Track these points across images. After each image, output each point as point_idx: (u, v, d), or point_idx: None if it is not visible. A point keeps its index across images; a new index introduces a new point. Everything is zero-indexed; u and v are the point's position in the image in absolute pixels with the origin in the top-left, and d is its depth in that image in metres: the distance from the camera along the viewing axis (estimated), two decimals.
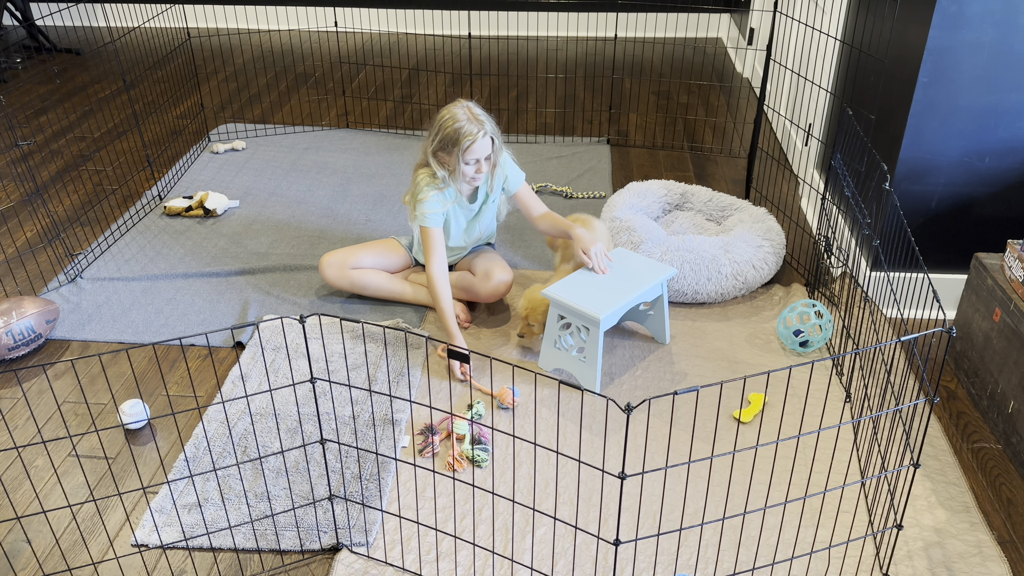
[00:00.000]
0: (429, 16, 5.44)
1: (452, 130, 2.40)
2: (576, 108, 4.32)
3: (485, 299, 2.66)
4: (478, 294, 2.65)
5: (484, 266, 2.67)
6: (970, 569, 1.84)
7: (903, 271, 2.66)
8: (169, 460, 2.13)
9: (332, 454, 2.12)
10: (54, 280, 2.84)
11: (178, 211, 3.26)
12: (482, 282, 2.63)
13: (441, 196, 2.51)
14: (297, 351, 2.50)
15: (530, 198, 2.65)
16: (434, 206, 2.50)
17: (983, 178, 2.54)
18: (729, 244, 2.71)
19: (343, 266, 2.68)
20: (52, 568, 1.84)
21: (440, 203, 2.51)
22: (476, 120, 2.41)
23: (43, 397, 2.35)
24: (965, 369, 2.40)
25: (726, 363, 2.47)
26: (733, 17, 5.30)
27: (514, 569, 1.83)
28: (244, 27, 5.53)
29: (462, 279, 2.69)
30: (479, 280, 2.64)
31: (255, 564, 1.85)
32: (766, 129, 4.08)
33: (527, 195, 2.65)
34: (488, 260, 2.70)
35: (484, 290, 2.63)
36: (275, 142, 3.92)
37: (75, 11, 5.59)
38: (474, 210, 2.64)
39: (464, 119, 2.40)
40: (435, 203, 2.50)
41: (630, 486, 2.05)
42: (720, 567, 1.83)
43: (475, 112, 2.43)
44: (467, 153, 2.41)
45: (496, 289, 2.63)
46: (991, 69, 2.39)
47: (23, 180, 3.55)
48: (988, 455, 2.17)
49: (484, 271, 2.65)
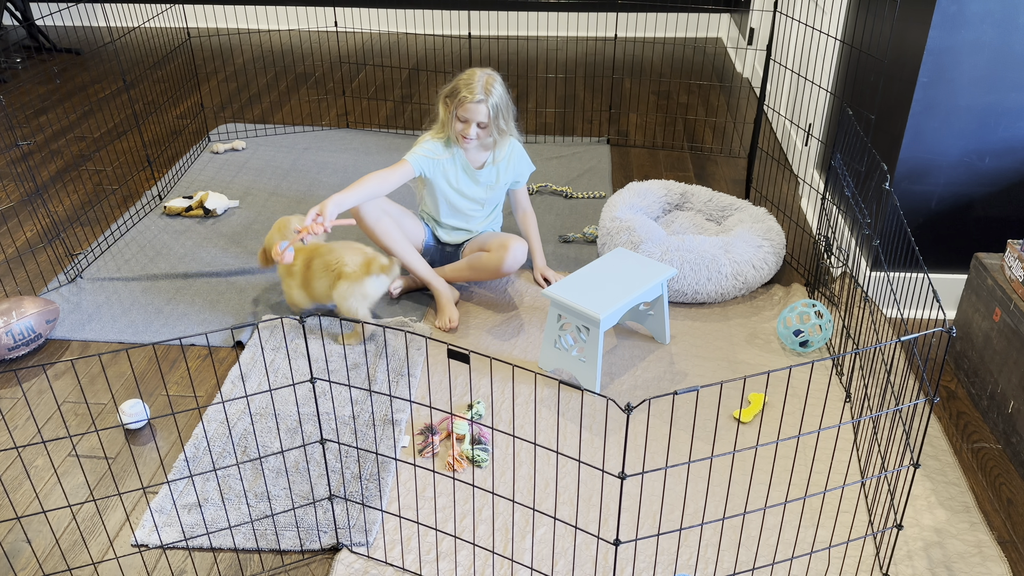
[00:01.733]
0: (429, 16, 5.44)
1: (459, 83, 2.53)
2: (576, 108, 4.32)
3: (502, 271, 2.65)
4: (496, 267, 2.64)
5: (498, 239, 2.67)
6: (970, 569, 1.84)
7: (903, 271, 2.66)
8: (169, 460, 2.13)
9: (332, 454, 2.12)
10: (54, 280, 2.84)
11: (178, 211, 3.26)
12: (498, 252, 2.63)
13: (436, 145, 2.59)
14: (297, 351, 2.50)
15: (524, 193, 2.84)
16: (425, 148, 2.58)
17: (983, 178, 2.54)
18: (729, 244, 2.71)
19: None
20: (52, 568, 1.84)
21: (432, 151, 2.59)
22: (486, 88, 2.50)
23: (43, 397, 2.35)
24: (965, 369, 2.40)
25: (726, 363, 2.47)
26: (733, 17, 5.30)
27: (514, 569, 1.83)
28: (244, 27, 5.53)
29: (476, 260, 2.69)
30: (495, 251, 2.64)
31: (255, 564, 1.85)
32: (766, 129, 4.08)
33: (524, 193, 2.85)
34: (501, 235, 2.71)
35: (501, 260, 2.61)
36: (275, 142, 3.92)
37: (75, 11, 5.59)
38: (480, 180, 2.67)
39: (476, 81, 2.50)
40: (427, 147, 2.59)
41: (630, 486, 2.05)
42: (720, 567, 1.83)
43: (491, 82, 2.52)
44: (459, 108, 2.51)
45: (514, 258, 2.62)
46: (991, 69, 2.39)
47: (23, 180, 3.55)
48: (988, 455, 2.17)
49: (499, 242, 2.65)
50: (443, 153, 2.60)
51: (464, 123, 2.53)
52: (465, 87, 2.50)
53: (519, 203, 2.83)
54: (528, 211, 2.85)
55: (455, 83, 2.54)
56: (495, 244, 2.66)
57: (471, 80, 2.51)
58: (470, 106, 2.49)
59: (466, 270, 2.71)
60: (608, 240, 2.83)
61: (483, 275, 2.70)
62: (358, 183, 2.43)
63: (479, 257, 2.68)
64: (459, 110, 2.51)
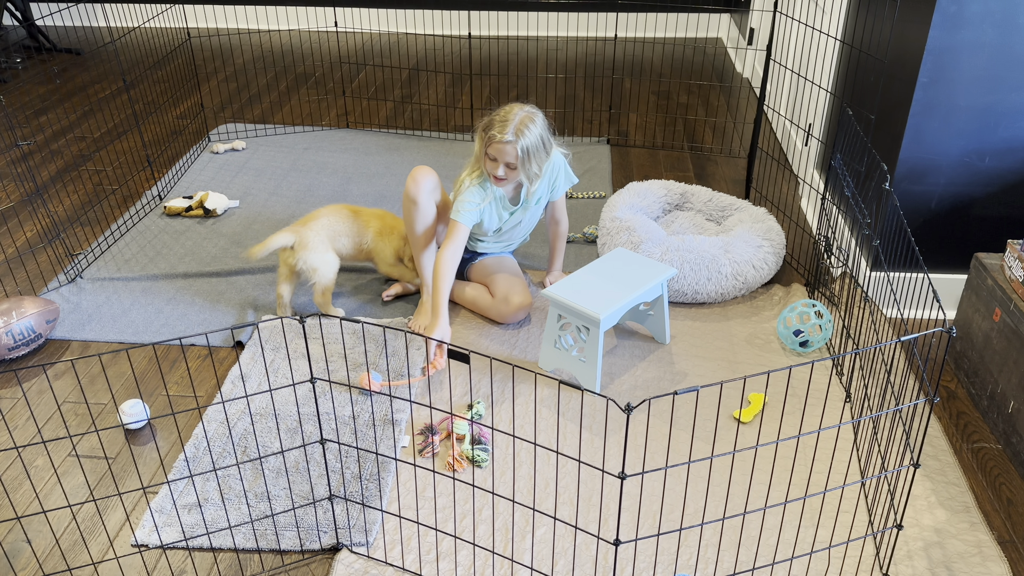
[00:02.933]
0: (429, 16, 5.44)
1: (495, 118, 2.43)
2: (576, 108, 4.32)
3: (500, 320, 2.62)
4: (493, 316, 2.62)
5: (504, 288, 2.59)
6: (970, 569, 1.84)
7: (903, 271, 2.66)
8: (169, 460, 2.13)
9: (332, 454, 2.12)
10: (54, 280, 2.84)
11: (178, 211, 3.26)
12: (500, 306, 2.58)
13: (475, 193, 2.50)
14: (297, 351, 2.50)
15: (561, 205, 2.74)
16: (472, 198, 2.49)
17: (983, 178, 2.54)
18: (729, 244, 2.71)
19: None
20: (52, 568, 1.84)
21: (479, 197, 2.50)
22: (518, 129, 2.39)
23: (43, 397, 2.35)
24: (965, 369, 2.40)
25: (726, 363, 2.47)
26: (733, 17, 5.30)
27: (514, 569, 1.83)
28: (244, 27, 5.53)
29: (479, 298, 2.65)
30: (498, 303, 2.59)
31: (255, 564, 1.85)
32: (766, 129, 4.08)
33: (561, 203, 2.74)
34: (508, 281, 2.62)
35: (502, 314, 2.59)
36: (275, 142, 3.92)
37: (75, 11, 5.59)
38: (513, 214, 2.62)
39: (511, 119, 2.40)
40: (473, 195, 2.49)
41: (630, 486, 2.05)
42: (720, 567, 1.83)
43: (526, 122, 2.40)
44: (490, 145, 2.42)
45: (515, 315, 2.59)
46: (991, 69, 2.39)
47: (23, 180, 3.55)
48: (988, 455, 2.17)
49: (503, 295, 2.58)
50: (484, 198, 2.51)
51: (493, 161, 2.45)
52: (499, 124, 2.40)
53: (553, 211, 2.74)
54: (560, 221, 2.76)
55: (492, 117, 2.45)
56: (500, 294, 2.59)
57: (506, 117, 2.41)
58: (499, 145, 2.39)
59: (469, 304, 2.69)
60: (608, 240, 2.83)
61: (483, 314, 2.66)
62: (442, 277, 2.40)
63: (483, 297, 2.64)
64: (489, 147, 2.43)
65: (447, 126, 4.11)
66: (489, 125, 2.43)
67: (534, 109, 2.45)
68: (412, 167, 3.64)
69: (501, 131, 2.39)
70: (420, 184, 2.51)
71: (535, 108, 2.46)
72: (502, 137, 2.38)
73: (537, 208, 2.68)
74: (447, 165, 3.67)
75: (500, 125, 2.40)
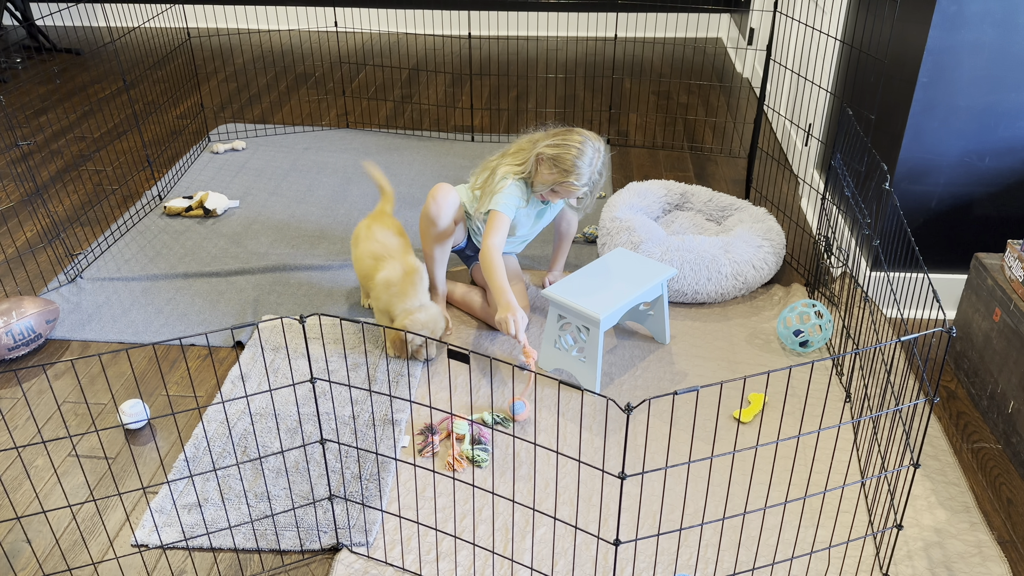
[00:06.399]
0: (429, 16, 5.44)
1: (567, 155, 2.36)
2: (576, 108, 4.32)
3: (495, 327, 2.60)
4: (484, 319, 2.62)
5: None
6: (970, 569, 1.84)
7: (903, 271, 2.66)
8: (169, 460, 2.13)
9: (332, 454, 2.12)
10: (54, 280, 2.84)
11: (178, 211, 3.26)
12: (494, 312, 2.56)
13: (518, 191, 2.48)
14: (297, 351, 2.50)
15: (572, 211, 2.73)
16: (515, 192, 2.47)
17: (983, 178, 2.54)
18: (729, 244, 2.71)
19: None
20: (52, 568, 1.84)
21: (520, 194, 2.49)
22: (589, 168, 2.38)
23: (43, 397, 2.35)
24: (965, 369, 2.40)
25: (726, 363, 2.47)
26: (733, 17, 5.30)
27: (514, 569, 1.83)
28: (244, 27, 5.53)
29: (470, 299, 2.66)
30: (492, 309, 2.57)
31: (255, 564, 1.85)
32: (766, 129, 4.08)
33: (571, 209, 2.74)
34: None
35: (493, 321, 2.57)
36: (275, 142, 3.92)
37: (75, 11, 5.59)
38: (543, 217, 2.64)
39: (585, 163, 2.37)
40: (511, 193, 2.46)
41: (630, 486, 2.05)
42: (720, 567, 1.83)
43: (597, 161, 2.40)
44: (561, 186, 2.41)
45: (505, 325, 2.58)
46: (991, 69, 2.39)
47: (23, 180, 3.55)
48: (988, 455, 2.17)
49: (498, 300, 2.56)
50: (523, 199, 2.50)
51: (553, 192, 2.45)
52: (573, 169, 2.36)
53: (565, 211, 2.72)
54: (570, 221, 2.76)
55: (560, 151, 2.36)
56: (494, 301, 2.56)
57: (580, 157, 2.36)
58: (569, 188, 2.40)
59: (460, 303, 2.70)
60: (608, 240, 2.83)
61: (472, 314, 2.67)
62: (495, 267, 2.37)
63: (474, 298, 2.66)
64: (559, 186, 2.41)
65: (447, 126, 4.11)
66: (559, 161, 2.37)
67: (601, 145, 2.43)
68: (412, 167, 3.65)
69: (578, 178, 2.37)
70: (442, 206, 2.49)
71: (599, 139, 2.43)
72: (580, 184, 2.39)
73: (554, 212, 2.68)
74: (447, 165, 3.67)
75: (576, 171, 2.36)
